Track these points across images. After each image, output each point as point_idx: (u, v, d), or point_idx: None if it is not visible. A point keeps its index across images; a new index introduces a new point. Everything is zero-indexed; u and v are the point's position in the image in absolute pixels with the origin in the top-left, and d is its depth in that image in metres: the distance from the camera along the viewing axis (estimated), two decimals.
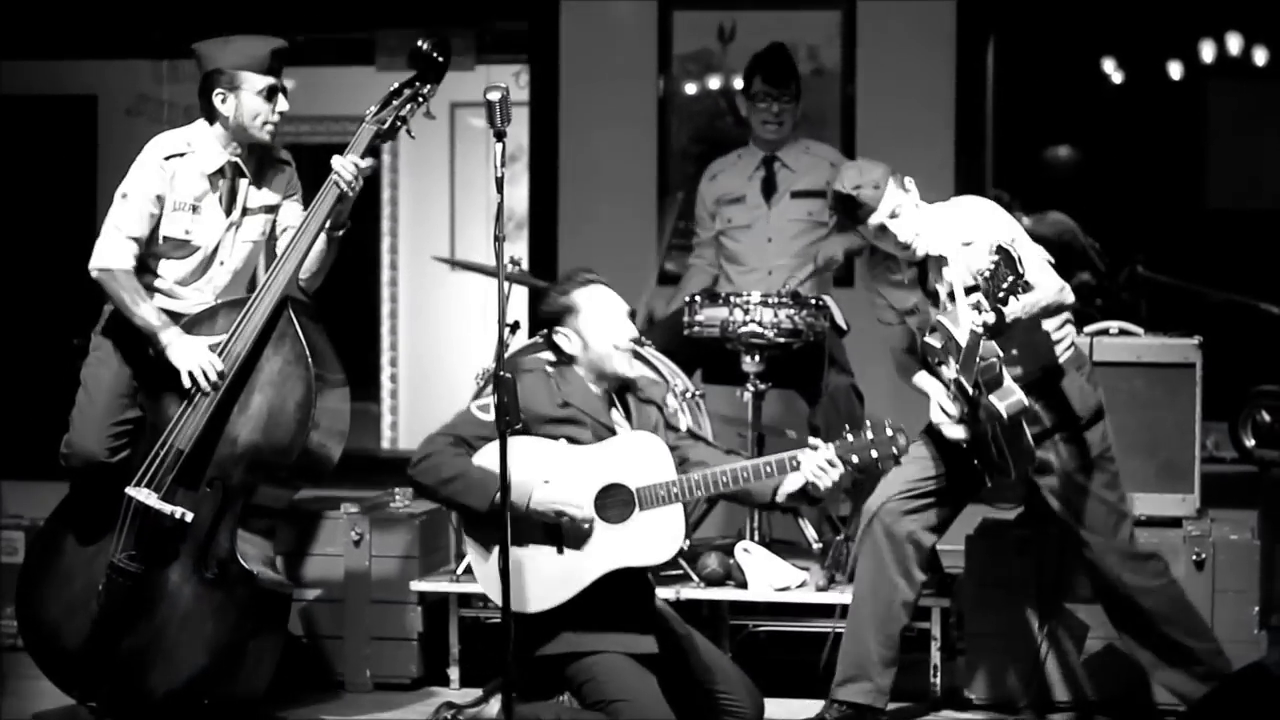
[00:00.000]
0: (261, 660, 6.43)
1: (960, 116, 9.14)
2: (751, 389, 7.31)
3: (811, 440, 5.80)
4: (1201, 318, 9.18)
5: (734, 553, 7.05)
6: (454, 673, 7.12)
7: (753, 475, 5.74)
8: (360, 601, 7.15)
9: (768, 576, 6.99)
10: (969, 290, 5.96)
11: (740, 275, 7.78)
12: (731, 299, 7.22)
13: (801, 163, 7.78)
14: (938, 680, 6.89)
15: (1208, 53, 12.67)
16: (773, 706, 6.11)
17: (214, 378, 6.27)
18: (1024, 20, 10.23)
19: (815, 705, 6.38)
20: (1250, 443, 10.17)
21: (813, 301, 7.22)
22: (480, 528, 5.82)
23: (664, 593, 6.88)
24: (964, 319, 5.93)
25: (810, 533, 7.26)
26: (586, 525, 5.71)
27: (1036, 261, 6.07)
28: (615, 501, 5.74)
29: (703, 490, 5.76)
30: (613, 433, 5.85)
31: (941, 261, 6.13)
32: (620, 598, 5.75)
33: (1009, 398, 5.89)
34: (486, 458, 5.73)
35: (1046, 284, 6.04)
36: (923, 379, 6.30)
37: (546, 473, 5.69)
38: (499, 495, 5.51)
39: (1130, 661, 6.50)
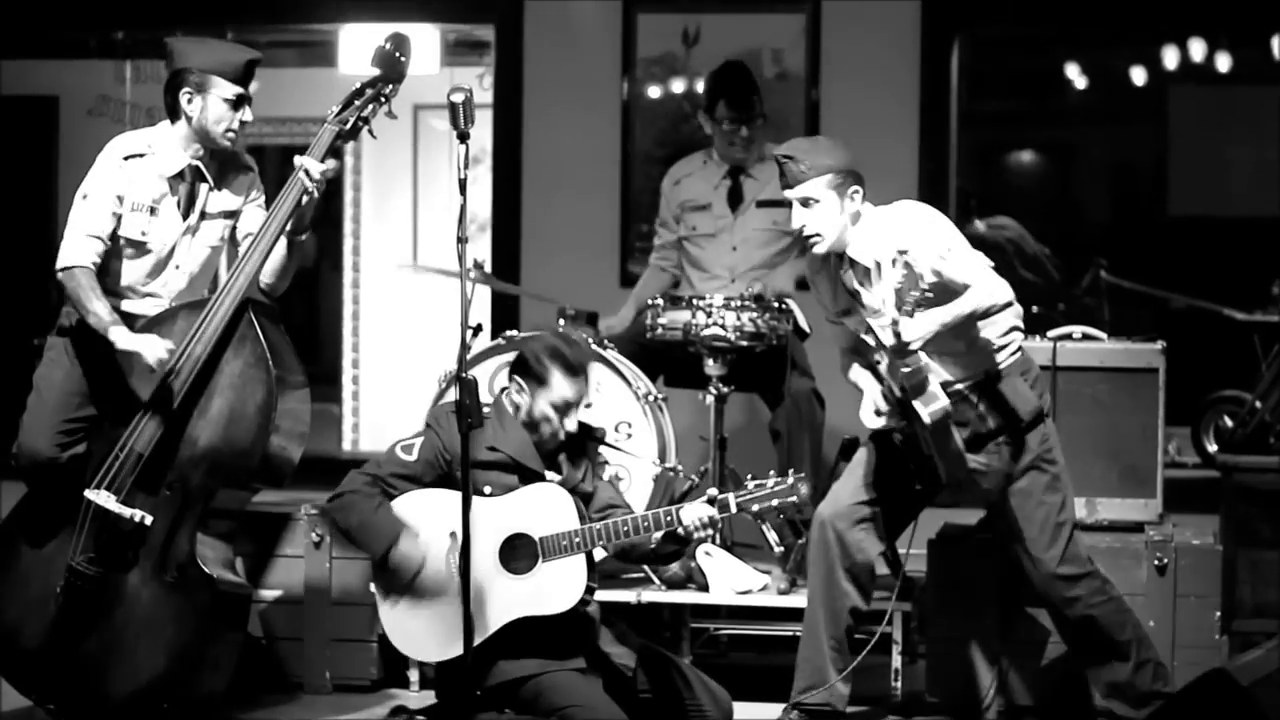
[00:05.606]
0: (220, 662, 6.40)
1: (924, 120, 9.12)
2: (714, 392, 7.27)
3: (711, 491, 5.90)
4: (1164, 323, 9.22)
5: (695, 556, 7.04)
6: (413, 675, 7.09)
7: (654, 524, 5.83)
8: (320, 603, 7.13)
9: (729, 580, 6.99)
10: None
11: (703, 281, 7.74)
12: (694, 302, 7.18)
13: (766, 172, 7.62)
14: (899, 684, 6.89)
15: (1170, 58, 12.70)
16: (735, 710, 6.11)
17: (163, 354, 6.22)
18: (989, 24, 10.22)
19: (777, 708, 6.37)
20: (1212, 448, 10.19)
21: (775, 304, 7.19)
22: (383, 574, 5.92)
23: (624, 595, 6.88)
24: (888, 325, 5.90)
25: (772, 536, 7.24)
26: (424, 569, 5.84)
27: (971, 268, 5.98)
28: (521, 552, 5.81)
29: (604, 539, 5.84)
30: (544, 480, 5.90)
31: (863, 267, 6.11)
32: (546, 631, 5.80)
33: (933, 403, 5.86)
34: (402, 505, 5.86)
35: (975, 290, 5.92)
36: (857, 374, 6.25)
37: (449, 524, 5.68)
38: (391, 546, 5.79)
39: None
